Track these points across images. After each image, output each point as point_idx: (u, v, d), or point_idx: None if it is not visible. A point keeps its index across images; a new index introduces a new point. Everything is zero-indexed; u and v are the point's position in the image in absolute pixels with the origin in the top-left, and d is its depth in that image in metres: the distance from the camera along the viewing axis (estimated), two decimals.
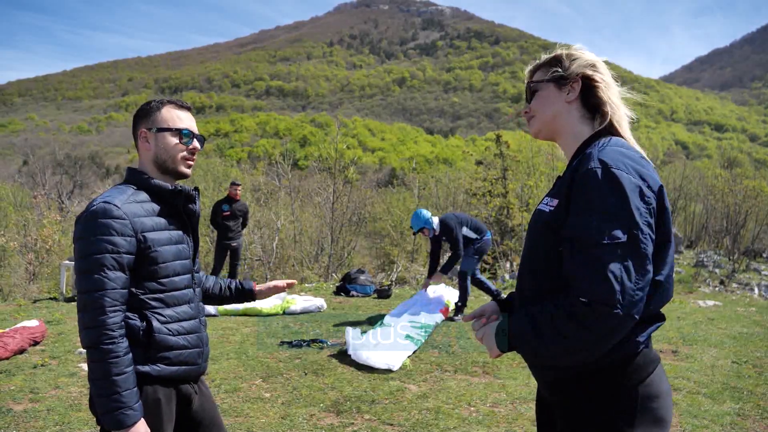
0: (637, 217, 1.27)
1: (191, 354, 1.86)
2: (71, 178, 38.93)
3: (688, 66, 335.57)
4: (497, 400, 4.17)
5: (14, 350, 5.04)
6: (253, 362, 5.04)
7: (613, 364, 1.35)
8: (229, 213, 8.87)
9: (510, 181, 16.63)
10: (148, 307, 1.76)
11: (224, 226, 8.86)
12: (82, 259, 1.66)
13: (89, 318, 1.64)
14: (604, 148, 1.38)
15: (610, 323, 1.24)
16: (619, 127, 1.51)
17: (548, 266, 1.42)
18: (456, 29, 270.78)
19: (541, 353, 1.35)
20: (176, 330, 1.81)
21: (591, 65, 1.52)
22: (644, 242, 1.27)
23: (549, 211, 1.43)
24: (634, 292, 1.24)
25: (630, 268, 1.24)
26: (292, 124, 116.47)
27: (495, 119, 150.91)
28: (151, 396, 1.75)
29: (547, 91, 1.56)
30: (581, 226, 1.29)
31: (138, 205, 1.75)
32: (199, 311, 1.95)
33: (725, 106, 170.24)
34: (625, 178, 1.29)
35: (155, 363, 1.76)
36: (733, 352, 5.50)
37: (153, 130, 1.84)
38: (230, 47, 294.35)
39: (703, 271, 13.17)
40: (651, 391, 1.36)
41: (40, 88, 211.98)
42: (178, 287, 1.84)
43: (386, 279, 12.88)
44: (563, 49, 1.58)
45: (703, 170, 24.17)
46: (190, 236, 1.93)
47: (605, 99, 1.50)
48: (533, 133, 1.63)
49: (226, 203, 8.94)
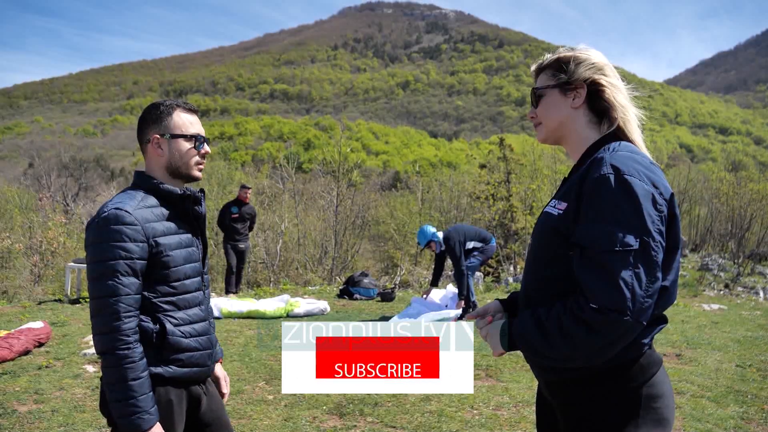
0: (649, 225, 1.27)
1: (202, 356, 1.88)
2: (76, 180, 39.07)
3: (692, 69, 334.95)
4: (500, 403, 4.17)
5: (19, 351, 5.07)
6: (256, 364, 5.05)
7: (617, 366, 1.36)
8: (238, 215, 8.96)
9: (513, 184, 16.64)
10: (161, 311, 1.77)
11: (232, 228, 8.95)
12: (95, 265, 1.67)
13: (103, 323, 1.65)
14: (615, 153, 1.37)
15: (619, 329, 1.25)
16: (627, 130, 1.49)
17: (554, 270, 1.42)
18: (460, 33, 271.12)
19: (546, 355, 1.36)
20: (188, 332, 1.83)
21: (597, 68, 1.49)
22: (655, 250, 1.27)
23: (557, 214, 1.42)
24: (644, 300, 1.24)
25: (641, 276, 1.25)
26: (297, 128, 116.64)
27: (499, 122, 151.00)
28: (164, 397, 1.76)
29: (552, 97, 1.53)
30: (593, 233, 1.28)
31: (148, 210, 1.76)
32: (208, 313, 1.97)
33: (730, 109, 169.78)
34: (638, 185, 1.28)
35: (168, 364, 1.77)
36: (737, 356, 5.48)
37: (166, 137, 1.83)
38: (235, 50, 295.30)
39: (708, 274, 13.13)
40: (655, 391, 1.37)
41: (46, 91, 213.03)
42: (189, 290, 1.85)
43: (389, 282, 12.89)
44: (568, 51, 1.54)
45: (708, 173, 24.08)
46: (198, 239, 1.94)
47: (612, 103, 1.48)
48: (540, 139, 1.62)
49: (236, 205, 9.04)
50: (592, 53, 1.52)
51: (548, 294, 1.42)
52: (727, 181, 18.91)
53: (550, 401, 1.53)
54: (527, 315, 1.41)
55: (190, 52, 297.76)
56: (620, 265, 1.24)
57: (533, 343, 1.36)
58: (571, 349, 1.30)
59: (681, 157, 64.84)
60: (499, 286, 10.97)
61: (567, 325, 1.28)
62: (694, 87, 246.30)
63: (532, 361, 1.51)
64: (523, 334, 1.39)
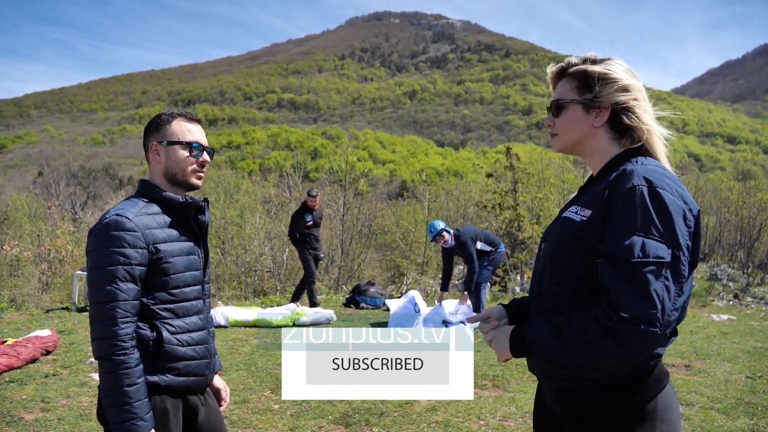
0: (680, 239, 1.27)
1: (199, 365, 1.87)
2: (85, 189, 39.30)
3: (700, 78, 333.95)
4: (507, 413, 4.14)
5: (27, 359, 5.09)
6: (262, 373, 5.04)
7: (633, 377, 1.35)
8: (312, 222, 8.49)
9: (520, 193, 16.60)
10: (159, 317, 1.78)
11: (310, 236, 8.47)
12: (95, 271, 1.69)
13: (101, 329, 1.66)
14: (645, 167, 1.36)
15: (648, 341, 1.24)
16: (651, 148, 1.47)
17: (573, 276, 1.41)
18: (466, 42, 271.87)
19: (563, 363, 1.34)
20: (185, 341, 1.82)
21: (623, 89, 1.44)
22: (684, 264, 1.28)
23: (580, 221, 1.40)
24: (671, 312, 1.25)
25: (671, 288, 1.25)
26: (304, 137, 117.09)
27: (505, 132, 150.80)
28: (159, 406, 1.76)
29: (574, 112, 1.50)
30: (626, 243, 1.27)
31: (150, 217, 1.78)
32: (207, 322, 1.96)
33: (738, 118, 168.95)
34: (670, 199, 1.29)
35: (164, 373, 1.77)
36: (747, 367, 5.42)
37: (163, 144, 1.86)
38: (243, 60, 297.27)
39: (717, 284, 13.03)
40: (666, 402, 1.37)
41: (55, 101, 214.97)
42: (188, 298, 1.86)
43: (396, 291, 12.86)
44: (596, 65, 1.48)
45: (717, 183, 23.95)
46: (200, 247, 1.95)
47: (636, 125, 1.45)
48: (556, 150, 1.60)
49: (308, 212, 8.48)
50: (621, 72, 1.46)
51: (565, 301, 1.41)
52: (736, 190, 18.81)
53: (554, 411, 1.51)
54: (544, 323, 1.39)
55: (199, 62, 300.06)
56: (652, 276, 1.24)
57: (551, 351, 1.34)
58: (594, 359, 1.29)
59: (689, 166, 64.58)
60: (506, 296, 10.92)
61: (592, 334, 1.27)
62: (702, 96, 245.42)
63: (542, 369, 1.50)
64: (538, 341, 1.37)
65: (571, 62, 1.53)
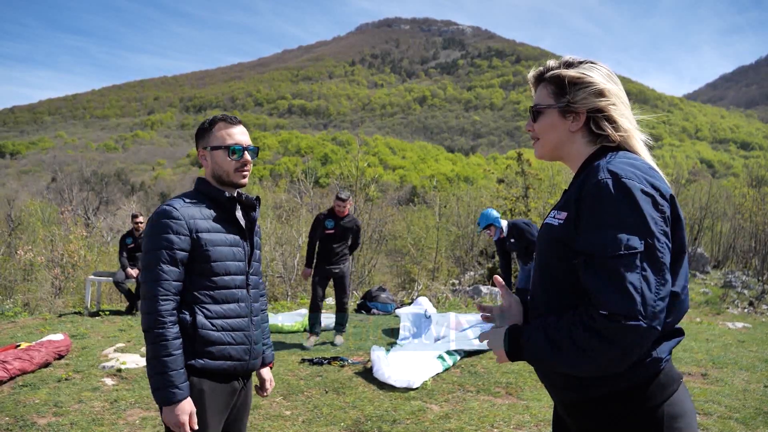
0: (652, 226, 1.24)
1: (236, 350, 2.00)
2: (97, 194, 39.72)
3: (713, 84, 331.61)
4: (521, 422, 4.09)
5: (39, 363, 5.11)
6: (274, 379, 5.02)
7: (635, 385, 1.32)
8: (333, 231, 6.71)
9: (532, 199, 16.49)
10: (198, 302, 1.94)
11: (326, 248, 6.75)
12: (146, 254, 1.90)
13: (146, 305, 1.86)
14: (612, 160, 1.35)
15: (633, 336, 1.20)
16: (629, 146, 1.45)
17: (559, 281, 1.39)
18: (477, 48, 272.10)
19: (558, 365, 1.31)
20: (221, 326, 1.97)
21: (598, 93, 1.42)
22: (661, 251, 1.24)
23: (558, 224, 1.39)
24: (655, 303, 1.21)
25: (649, 278, 1.21)
26: (314, 142, 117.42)
27: (516, 137, 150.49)
28: (196, 387, 1.91)
29: (551, 117, 1.49)
30: (596, 239, 1.25)
31: (196, 209, 1.97)
32: (250, 311, 2.08)
33: (751, 124, 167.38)
34: (636, 188, 1.26)
35: (200, 357, 1.92)
36: (765, 376, 5.32)
37: (208, 149, 2.05)
38: (254, 66, 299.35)
39: (732, 292, 12.85)
40: (676, 410, 1.32)
41: (69, 107, 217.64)
42: (228, 286, 2.00)
43: (407, 297, 12.81)
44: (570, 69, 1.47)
45: (730, 189, 23.71)
46: (246, 241, 2.09)
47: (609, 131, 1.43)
48: (537, 156, 1.60)
49: (331, 218, 6.75)
50: (596, 76, 1.44)
51: (555, 304, 1.39)
52: (750, 196, 18.57)
53: (568, 423, 1.49)
54: (534, 326, 1.37)
55: (210, 68, 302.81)
56: (627, 268, 1.21)
57: (543, 355, 1.32)
58: (584, 359, 1.25)
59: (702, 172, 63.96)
60: None
61: (578, 335, 1.24)
62: (714, 102, 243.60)
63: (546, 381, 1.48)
64: (531, 345, 1.35)
65: (548, 66, 1.53)
